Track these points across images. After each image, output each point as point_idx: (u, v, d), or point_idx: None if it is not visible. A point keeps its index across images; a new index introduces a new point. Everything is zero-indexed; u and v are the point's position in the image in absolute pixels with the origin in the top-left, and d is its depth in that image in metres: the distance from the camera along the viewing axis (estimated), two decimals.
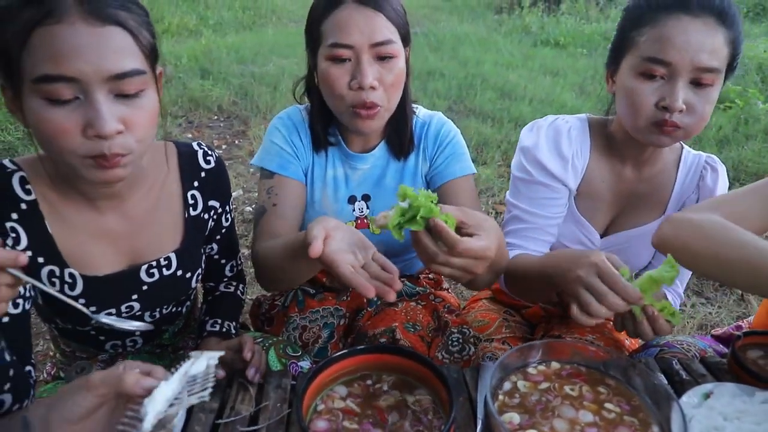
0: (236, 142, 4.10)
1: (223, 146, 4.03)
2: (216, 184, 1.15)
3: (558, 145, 1.22)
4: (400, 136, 1.27)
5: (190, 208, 1.11)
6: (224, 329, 1.18)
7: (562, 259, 0.98)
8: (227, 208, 1.19)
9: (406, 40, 1.17)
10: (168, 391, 0.61)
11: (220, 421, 0.88)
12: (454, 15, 9.76)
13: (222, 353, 0.70)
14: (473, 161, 1.36)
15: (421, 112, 1.32)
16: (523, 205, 1.24)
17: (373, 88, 1.10)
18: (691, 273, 1.29)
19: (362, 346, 0.87)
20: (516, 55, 6.85)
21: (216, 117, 4.57)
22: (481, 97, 5.05)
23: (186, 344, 1.28)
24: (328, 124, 1.25)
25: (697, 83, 1.04)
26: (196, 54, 5.84)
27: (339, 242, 0.88)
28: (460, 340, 1.19)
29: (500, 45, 7.30)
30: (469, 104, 4.95)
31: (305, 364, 1.11)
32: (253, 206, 3.17)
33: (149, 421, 0.59)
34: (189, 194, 1.10)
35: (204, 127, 4.36)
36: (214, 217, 1.17)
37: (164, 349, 1.24)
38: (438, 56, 6.58)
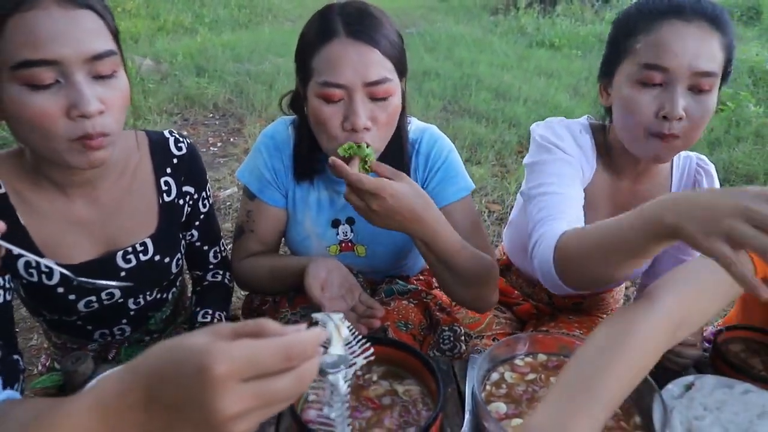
0: (231, 139, 4.10)
1: (218, 144, 4.04)
2: (189, 170, 1.16)
3: (577, 139, 1.19)
4: (393, 165, 1.18)
5: (164, 194, 1.12)
6: (215, 320, 1.20)
7: (661, 208, 0.77)
8: (204, 194, 1.21)
9: (402, 73, 1.10)
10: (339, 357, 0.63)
11: None
12: (450, 15, 9.79)
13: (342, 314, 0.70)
14: (467, 161, 1.36)
15: (412, 127, 1.25)
16: (546, 181, 1.12)
17: (366, 129, 1.04)
18: None
19: None
20: (511, 56, 6.87)
21: (211, 115, 4.57)
22: (475, 98, 5.08)
23: (178, 335, 1.29)
24: (316, 150, 1.18)
25: (695, 89, 1.02)
26: (191, 51, 5.83)
27: (332, 289, 1.08)
28: (452, 338, 1.20)
29: (495, 46, 7.32)
30: (463, 104, 4.97)
31: None
32: None
33: (342, 385, 0.62)
34: (162, 180, 1.12)
35: (199, 124, 4.37)
36: (190, 202, 1.18)
37: (153, 336, 1.26)
38: (433, 56, 6.60)
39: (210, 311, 1.21)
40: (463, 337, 1.21)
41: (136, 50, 5.69)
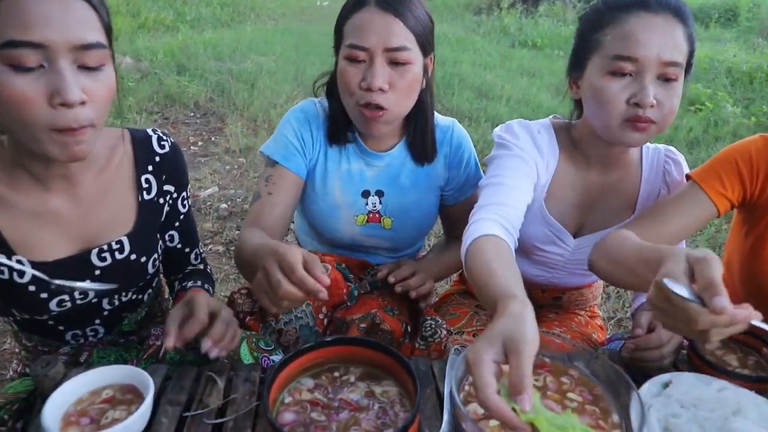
0: (212, 138, 4.07)
1: (199, 143, 3.99)
2: (171, 169, 1.15)
3: (534, 138, 1.23)
4: (423, 142, 1.32)
5: (144, 192, 1.11)
6: (205, 287, 1.20)
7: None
8: (184, 194, 1.20)
9: (425, 49, 1.20)
10: None
11: (187, 414, 0.87)
12: (433, 15, 9.79)
13: None
14: None
15: (438, 118, 1.36)
16: (497, 173, 1.16)
17: (382, 90, 1.14)
18: None
19: (329, 338, 0.88)
20: (494, 55, 6.92)
21: (192, 114, 4.53)
22: (458, 97, 5.09)
23: (150, 333, 1.27)
24: (348, 122, 1.28)
25: (663, 78, 1.06)
26: (172, 49, 5.77)
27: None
28: (433, 326, 1.21)
29: (478, 45, 7.36)
30: (446, 104, 4.98)
31: (277, 358, 1.11)
32: (229, 203, 3.15)
33: None
34: (143, 178, 1.11)
35: (180, 123, 4.32)
36: (170, 201, 1.17)
37: (127, 338, 1.23)
38: None
39: (199, 282, 1.21)
40: (444, 326, 1.23)
41: (116, 48, 5.51)
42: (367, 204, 1.35)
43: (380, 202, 1.35)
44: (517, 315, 0.73)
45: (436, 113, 1.36)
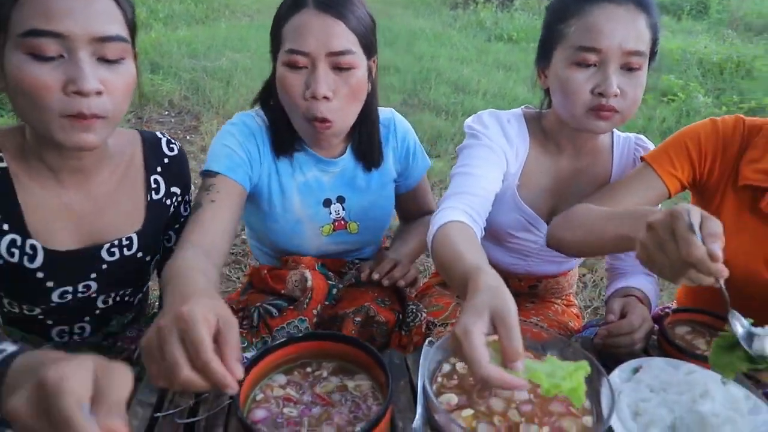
0: (188, 137, 4.01)
1: None
2: (178, 172, 1.17)
3: (504, 127, 1.25)
4: (370, 148, 1.28)
5: (153, 192, 1.13)
6: None
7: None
8: (187, 198, 1.22)
9: (369, 51, 1.15)
10: None
11: (158, 414, 0.86)
12: (409, 9, 9.81)
13: None
14: (427, 155, 1.44)
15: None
16: (465, 162, 1.19)
17: (326, 98, 1.08)
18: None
19: (301, 334, 0.87)
20: (470, 49, 6.94)
21: (167, 112, 4.46)
22: (435, 91, 5.10)
23: (125, 336, 1.25)
24: (292, 130, 1.20)
25: (627, 68, 1.08)
26: (145, 47, 5.66)
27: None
28: (414, 311, 1.21)
29: (455, 40, 7.38)
30: (423, 98, 4.99)
31: (250, 355, 1.09)
32: None
33: None
34: (152, 178, 1.12)
35: (154, 122, 4.25)
36: (175, 203, 1.19)
37: (109, 340, 1.23)
38: (393, 51, 6.60)
39: None
40: (424, 310, 1.23)
41: None
42: (330, 213, 1.30)
43: (343, 209, 1.31)
44: (494, 288, 0.77)
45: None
